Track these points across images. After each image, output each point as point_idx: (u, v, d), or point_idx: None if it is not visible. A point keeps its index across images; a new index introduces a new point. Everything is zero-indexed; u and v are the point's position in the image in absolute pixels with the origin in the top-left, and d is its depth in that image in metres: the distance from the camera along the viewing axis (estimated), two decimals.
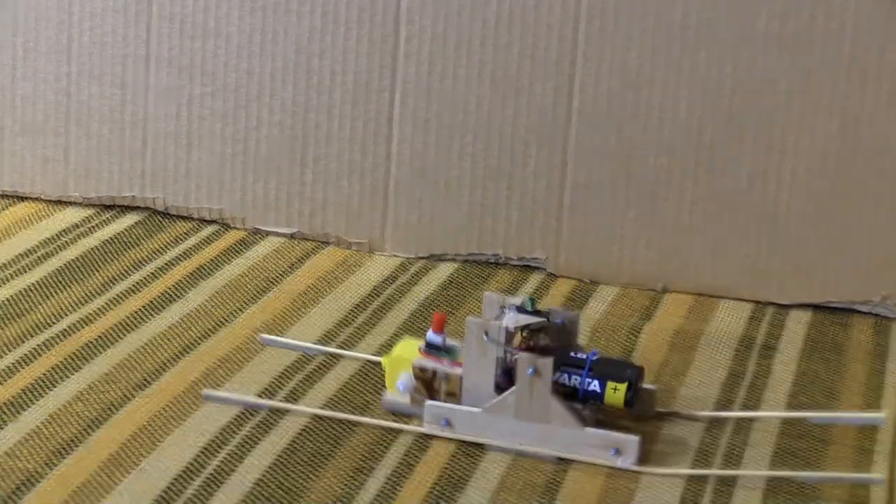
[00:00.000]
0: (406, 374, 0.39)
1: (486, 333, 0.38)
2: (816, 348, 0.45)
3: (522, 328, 0.39)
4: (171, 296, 0.45)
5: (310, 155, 0.53)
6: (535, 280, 0.49)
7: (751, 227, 0.49)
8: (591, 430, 0.37)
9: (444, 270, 0.50)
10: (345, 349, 0.41)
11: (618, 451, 0.36)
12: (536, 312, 0.39)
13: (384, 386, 0.38)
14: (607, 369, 0.38)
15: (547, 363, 0.37)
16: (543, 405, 0.38)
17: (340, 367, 0.40)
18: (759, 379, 0.42)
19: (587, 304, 0.47)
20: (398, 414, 0.39)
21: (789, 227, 0.48)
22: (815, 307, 0.47)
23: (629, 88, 0.49)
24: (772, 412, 0.38)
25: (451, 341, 0.40)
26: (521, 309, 0.40)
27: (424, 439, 0.35)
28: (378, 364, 0.39)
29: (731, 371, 0.42)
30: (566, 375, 0.38)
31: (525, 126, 0.50)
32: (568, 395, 0.38)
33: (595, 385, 0.38)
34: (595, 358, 0.38)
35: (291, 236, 0.52)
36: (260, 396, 0.37)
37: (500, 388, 0.38)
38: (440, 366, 0.40)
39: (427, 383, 0.40)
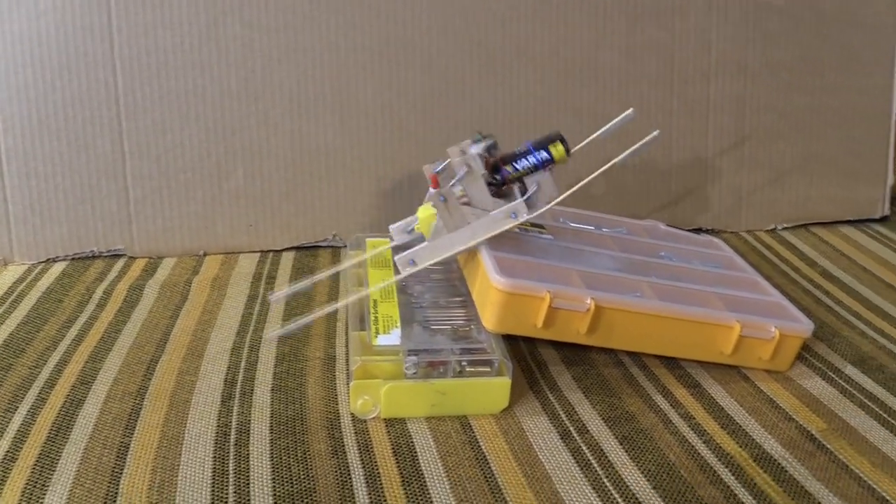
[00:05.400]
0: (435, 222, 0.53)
1: (469, 165, 0.53)
2: (302, 271, 0.69)
3: (486, 149, 0.54)
4: None
5: None
6: (121, 263, 0.69)
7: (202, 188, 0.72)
8: (497, 210, 0.53)
9: (58, 269, 0.68)
10: None
11: (515, 214, 0.53)
12: (485, 137, 0.54)
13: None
14: (542, 143, 0.53)
15: (472, 159, 0.53)
16: (457, 214, 0.53)
17: None
18: (267, 297, 0.65)
19: (156, 272, 0.68)
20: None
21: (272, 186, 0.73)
22: (297, 248, 0.72)
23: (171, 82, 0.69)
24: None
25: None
26: (476, 141, 0.55)
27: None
28: None
29: (251, 293, 0.65)
30: (524, 160, 0.54)
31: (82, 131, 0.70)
32: (528, 172, 0.53)
33: (544, 153, 0.53)
34: (530, 143, 0.54)
35: None
36: None
37: (493, 190, 0.54)
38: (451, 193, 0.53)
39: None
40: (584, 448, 0.46)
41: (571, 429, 0.48)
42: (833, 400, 0.52)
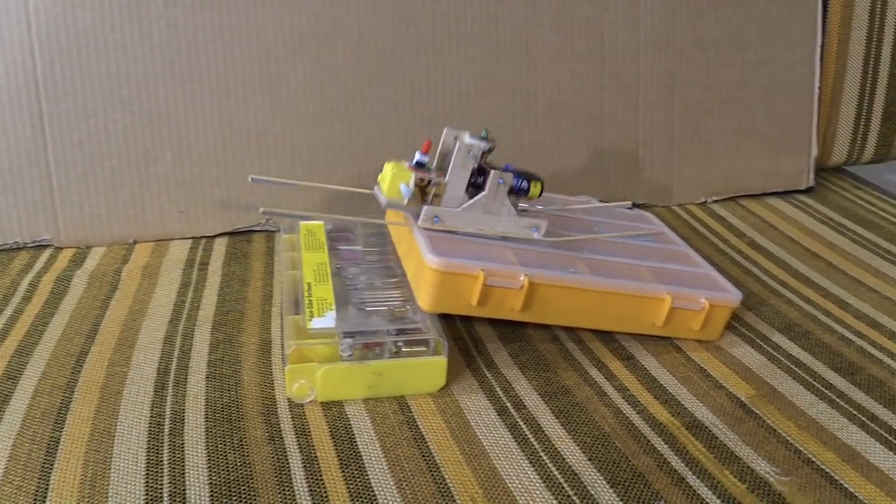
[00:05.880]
0: (404, 185, 0.54)
1: (470, 151, 0.54)
2: (235, 256, 0.68)
3: (486, 150, 0.54)
4: None
5: None
6: (47, 254, 0.67)
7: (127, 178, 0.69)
8: (522, 218, 0.55)
9: None
10: None
11: (537, 229, 0.56)
12: (488, 139, 0.55)
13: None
14: (525, 174, 0.55)
15: (508, 176, 0.54)
16: (500, 202, 0.54)
17: None
18: (200, 284, 0.63)
19: (85, 262, 0.66)
20: (397, 210, 0.54)
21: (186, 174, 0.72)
22: (231, 234, 0.71)
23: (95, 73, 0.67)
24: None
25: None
26: (481, 138, 0.54)
27: None
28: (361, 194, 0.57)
29: (183, 281, 0.64)
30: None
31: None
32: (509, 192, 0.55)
33: (525, 183, 0.55)
34: (513, 168, 0.56)
35: None
36: None
37: (468, 189, 0.54)
38: (434, 177, 0.55)
39: (422, 189, 0.55)
40: (520, 423, 0.47)
41: (508, 405, 0.49)
42: (761, 367, 0.53)
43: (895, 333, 0.58)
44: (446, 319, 0.58)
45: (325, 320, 0.50)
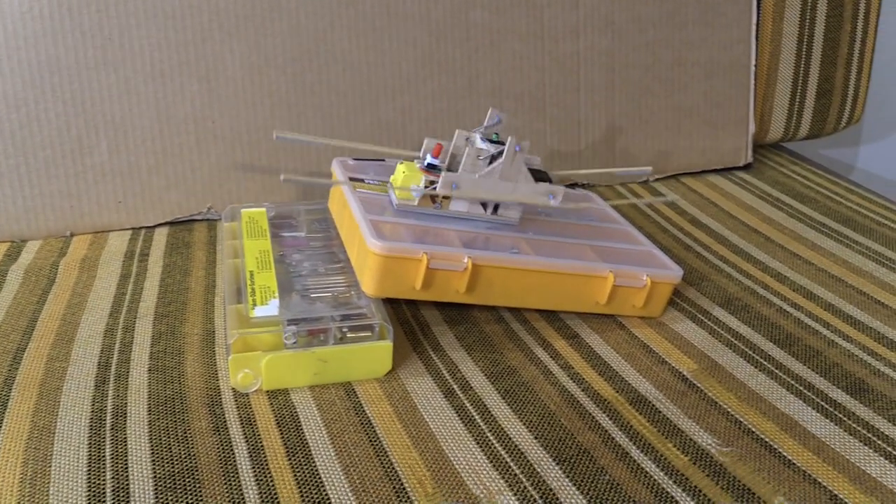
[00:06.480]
0: (415, 186, 0.54)
1: (479, 156, 0.54)
2: (176, 246, 0.67)
3: (496, 154, 0.55)
4: None
5: None
6: None
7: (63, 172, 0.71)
8: (539, 184, 0.56)
9: None
10: None
11: (553, 196, 0.56)
12: (498, 142, 0.56)
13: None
14: (536, 175, 0.58)
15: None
16: (517, 169, 0.55)
17: None
18: (141, 275, 0.62)
19: (20, 256, 0.64)
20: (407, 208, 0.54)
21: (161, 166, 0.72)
22: (171, 224, 0.70)
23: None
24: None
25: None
26: (490, 141, 0.56)
27: None
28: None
29: (123, 273, 0.62)
30: None
31: None
32: None
33: None
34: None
35: None
36: None
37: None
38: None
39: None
40: (467, 405, 0.47)
41: (455, 387, 0.49)
42: (703, 341, 0.54)
43: (831, 304, 0.60)
44: (392, 304, 0.58)
45: (269, 308, 0.49)
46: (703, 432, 0.45)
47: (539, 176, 0.58)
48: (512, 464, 0.43)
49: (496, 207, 0.57)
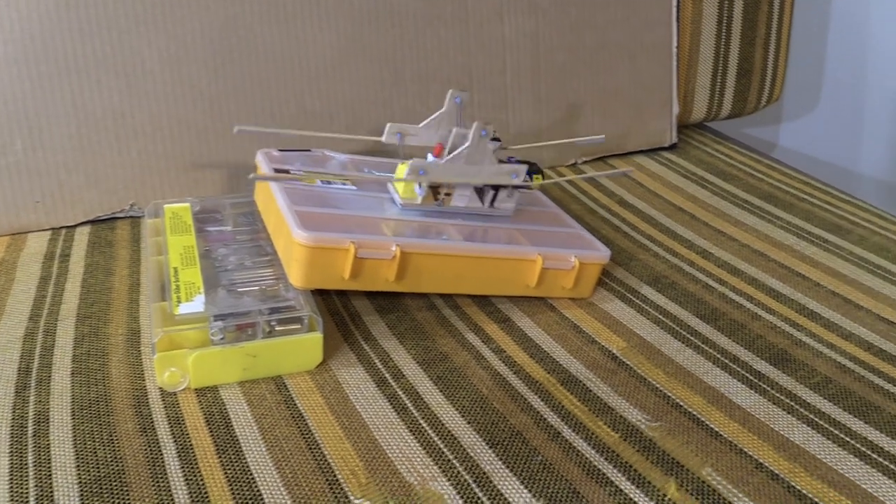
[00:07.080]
0: (418, 185, 0.56)
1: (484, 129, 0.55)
2: (99, 245, 0.65)
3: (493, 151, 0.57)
4: None
5: None
6: None
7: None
8: (503, 165, 0.56)
9: None
10: None
11: (516, 174, 0.57)
12: (497, 139, 0.58)
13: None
14: (531, 168, 0.63)
15: (490, 128, 0.55)
16: (482, 152, 0.55)
17: None
18: (62, 277, 0.60)
19: None
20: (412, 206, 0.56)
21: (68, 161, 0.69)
22: (93, 222, 0.68)
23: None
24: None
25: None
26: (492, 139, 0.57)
27: None
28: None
29: (43, 275, 0.60)
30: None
31: None
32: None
33: (528, 179, 0.61)
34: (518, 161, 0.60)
35: None
36: None
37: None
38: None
39: (435, 189, 0.57)
40: (400, 393, 0.47)
41: (387, 376, 0.49)
42: (632, 319, 0.55)
43: (754, 279, 0.61)
44: (322, 295, 0.58)
45: (194, 304, 0.48)
46: (632, 409, 0.46)
47: (532, 168, 0.62)
48: (445, 449, 0.43)
49: (493, 199, 0.58)
